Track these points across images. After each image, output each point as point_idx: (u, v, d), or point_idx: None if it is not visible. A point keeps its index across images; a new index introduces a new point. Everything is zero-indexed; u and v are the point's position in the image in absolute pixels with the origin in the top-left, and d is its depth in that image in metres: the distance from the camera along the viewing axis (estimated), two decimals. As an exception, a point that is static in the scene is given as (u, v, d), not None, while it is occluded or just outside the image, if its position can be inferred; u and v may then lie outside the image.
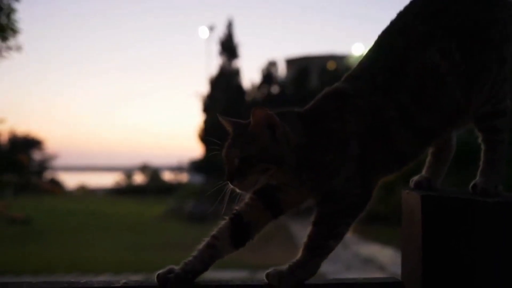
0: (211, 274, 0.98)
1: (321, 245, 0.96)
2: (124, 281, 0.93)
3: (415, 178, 1.13)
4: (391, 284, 1.00)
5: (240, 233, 0.98)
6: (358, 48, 22.78)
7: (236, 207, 1.01)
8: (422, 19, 1.02)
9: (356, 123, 0.97)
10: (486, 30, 1.02)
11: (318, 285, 0.98)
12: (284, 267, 0.97)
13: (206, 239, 0.98)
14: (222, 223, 0.99)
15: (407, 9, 1.05)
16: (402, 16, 1.05)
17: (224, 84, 22.08)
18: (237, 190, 0.97)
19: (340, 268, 8.58)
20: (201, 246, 0.97)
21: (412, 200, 1.01)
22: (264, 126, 0.96)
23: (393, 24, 1.04)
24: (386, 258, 10.11)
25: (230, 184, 0.97)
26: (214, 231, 0.98)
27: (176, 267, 0.96)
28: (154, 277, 0.94)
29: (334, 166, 0.96)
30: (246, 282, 0.97)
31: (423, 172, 1.14)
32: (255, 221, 0.99)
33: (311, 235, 0.96)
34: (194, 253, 0.97)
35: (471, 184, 1.03)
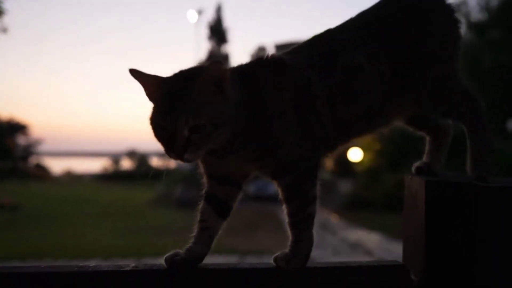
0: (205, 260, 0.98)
1: (303, 217, 0.96)
2: (133, 264, 0.93)
3: (416, 164, 1.14)
4: (395, 267, 1.01)
5: (220, 207, 0.99)
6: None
7: (204, 190, 1.00)
8: (363, 24, 1.06)
9: (291, 92, 0.97)
10: (418, 44, 1.04)
11: (323, 268, 0.99)
12: (287, 250, 0.98)
13: (196, 226, 0.99)
14: (200, 207, 1.00)
15: (359, 14, 1.10)
16: (353, 19, 1.09)
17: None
18: (182, 163, 0.89)
19: (328, 253, 8.71)
20: (195, 233, 0.99)
21: (416, 185, 1.01)
22: (215, 83, 0.87)
23: (343, 23, 1.09)
24: (373, 243, 10.29)
25: (174, 158, 0.86)
26: (198, 216, 1.00)
27: (181, 251, 0.97)
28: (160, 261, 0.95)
29: (275, 135, 0.94)
30: (255, 266, 0.97)
31: (424, 158, 1.16)
32: (225, 194, 1.00)
33: (289, 212, 0.97)
34: (192, 240, 0.98)
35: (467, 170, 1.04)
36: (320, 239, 10.73)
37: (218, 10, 23.66)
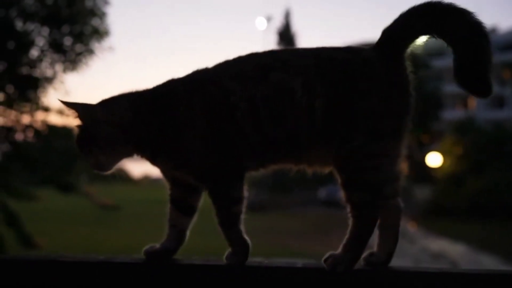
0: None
1: (227, 216, 1.05)
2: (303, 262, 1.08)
3: (364, 255, 1.09)
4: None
5: (182, 206, 1.13)
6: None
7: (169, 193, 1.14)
8: (305, 55, 1.04)
9: (203, 105, 1.02)
10: (354, 99, 0.99)
11: (452, 273, 1.08)
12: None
13: (167, 225, 1.14)
14: (168, 208, 1.13)
15: (305, 48, 1.06)
16: (299, 49, 1.08)
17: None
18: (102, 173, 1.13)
19: (408, 262, 8.41)
20: (167, 230, 1.14)
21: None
22: (85, 117, 1.06)
23: (291, 48, 1.13)
24: (457, 254, 9.69)
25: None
26: (167, 216, 1.14)
27: (157, 245, 1.14)
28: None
29: (184, 148, 1.03)
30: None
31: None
32: (183, 195, 1.12)
33: (216, 213, 1.06)
34: (165, 237, 1.14)
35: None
36: (398, 247, 10.27)
37: (287, 15, 23.88)
